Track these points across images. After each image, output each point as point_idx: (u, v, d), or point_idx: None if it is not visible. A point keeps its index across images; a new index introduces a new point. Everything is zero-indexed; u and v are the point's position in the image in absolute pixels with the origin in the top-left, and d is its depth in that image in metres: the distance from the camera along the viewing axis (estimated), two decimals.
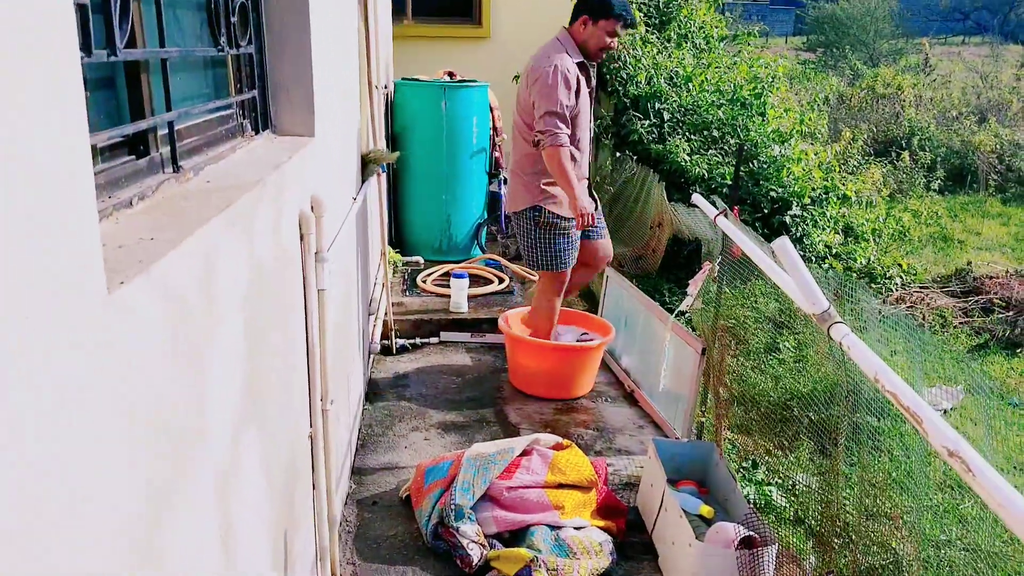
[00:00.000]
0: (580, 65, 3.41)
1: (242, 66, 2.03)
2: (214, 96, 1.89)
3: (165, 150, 1.53)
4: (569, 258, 3.61)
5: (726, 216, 2.93)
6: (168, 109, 1.53)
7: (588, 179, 3.68)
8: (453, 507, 2.58)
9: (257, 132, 2.08)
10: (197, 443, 1.20)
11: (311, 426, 2.09)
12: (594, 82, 3.61)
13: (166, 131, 1.53)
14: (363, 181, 3.42)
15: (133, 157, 1.43)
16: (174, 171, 1.52)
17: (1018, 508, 1.04)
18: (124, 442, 0.95)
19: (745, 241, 2.61)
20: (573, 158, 3.47)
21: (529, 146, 3.45)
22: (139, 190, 1.36)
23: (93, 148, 1.28)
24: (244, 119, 2.05)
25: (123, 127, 1.35)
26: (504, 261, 5.30)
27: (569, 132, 3.34)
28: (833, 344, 1.77)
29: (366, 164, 3.42)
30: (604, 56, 3.44)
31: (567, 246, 3.58)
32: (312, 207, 2.05)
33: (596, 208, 3.72)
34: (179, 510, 1.12)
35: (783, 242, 1.88)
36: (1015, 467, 4.16)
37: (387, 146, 5.09)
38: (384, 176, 4.30)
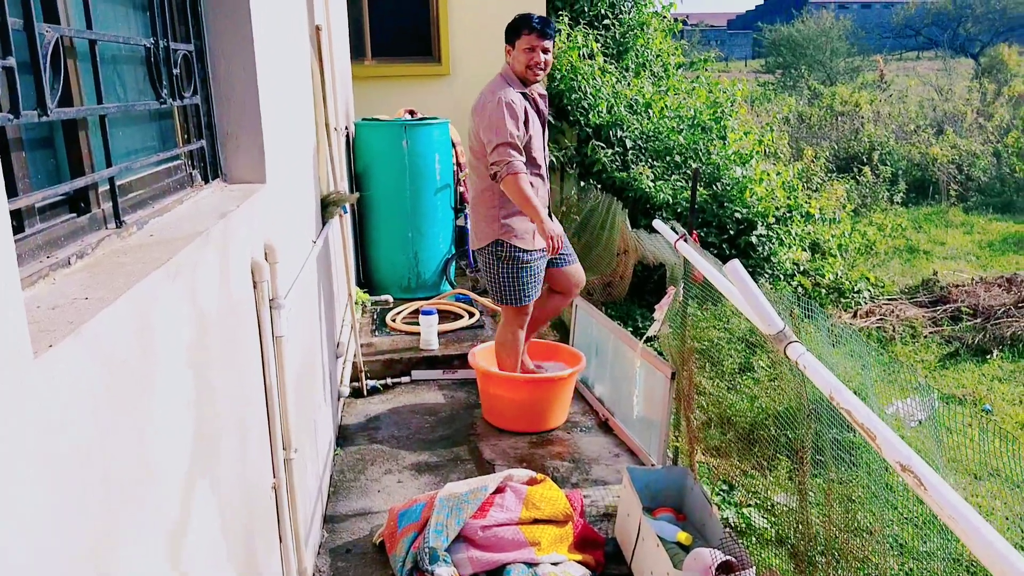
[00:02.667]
0: (524, 95, 3.43)
1: (189, 116, 2.03)
2: (160, 148, 1.88)
3: (107, 206, 1.52)
4: (532, 292, 3.60)
5: (686, 241, 2.96)
6: (109, 164, 1.52)
7: (549, 207, 3.67)
8: (427, 550, 2.54)
9: (207, 181, 2.07)
10: (142, 502, 1.17)
11: (274, 477, 2.06)
12: (546, 111, 3.60)
13: (108, 187, 1.52)
14: (324, 223, 3.41)
15: (74, 215, 1.42)
16: (116, 226, 1.51)
17: (965, 518, 1.04)
18: (56, 505, 0.92)
19: (705, 265, 2.63)
20: (537, 183, 3.48)
21: (485, 182, 3.45)
22: (79, 248, 1.34)
23: (30, 208, 1.27)
24: (193, 169, 2.04)
25: (59, 186, 1.34)
26: (474, 296, 5.29)
27: (523, 158, 3.34)
28: (790, 363, 1.78)
29: (326, 206, 3.42)
30: (540, 74, 3.41)
31: (530, 280, 3.57)
32: (266, 254, 2.04)
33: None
34: (124, 573, 1.09)
35: (734, 265, 1.89)
36: (989, 473, 4.19)
37: (350, 187, 5.10)
38: (347, 217, 4.30)
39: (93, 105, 1.47)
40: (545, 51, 3.38)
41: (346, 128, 5.10)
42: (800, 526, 2.43)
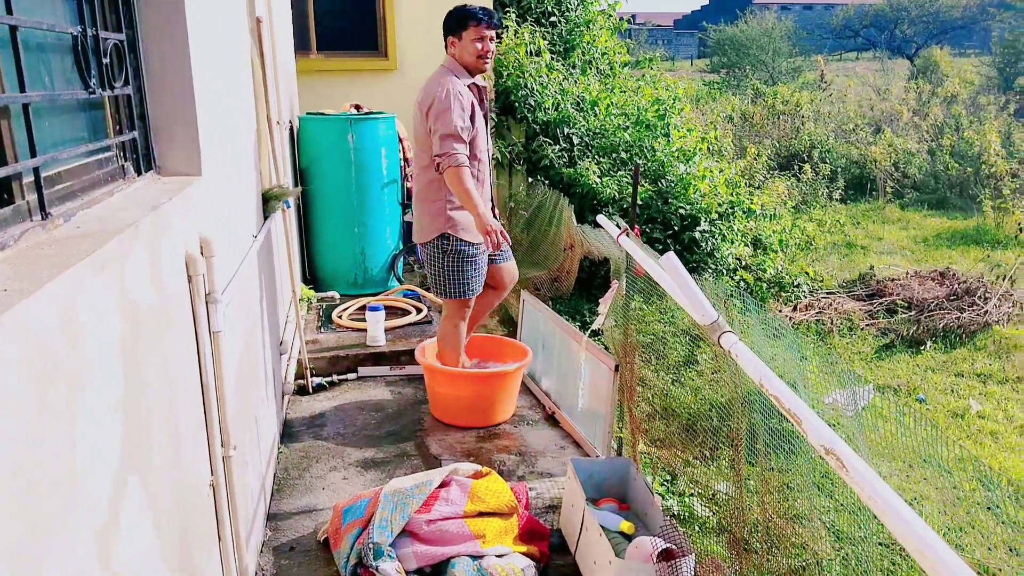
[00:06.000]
0: (470, 87, 3.44)
1: (121, 107, 1.98)
2: (90, 139, 1.83)
3: (32, 197, 1.47)
4: (476, 285, 3.60)
5: (628, 235, 3.00)
6: (33, 155, 1.47)
7: (492, 202, 3.70)
8: (371, 546, 2.53)
9: (140, 174, 2.03)
10: (67, 499, 1.14)
11: (212, 475, 2.02)
12: (487, 104, 3.61)
13: (32, 178, 1.48)
14: (266, 218, 3.36)
15: None
16: (42, 218, 1.47)
17: (883, 498, 1.08)
18: None
19: (645, 259, 2.67)
20: (482, 177, 3.50)
21: (430, 173, 3.44)
22: (0, 240, 1.30)
23: None
24: (125, 161, 2.00)
25: None
26: (422, 291, 5.28)
27: (467, 152, 3.34)
28: (723, 352, 1.82)
29: (268, 200, 3.37)
30: (487, 64, 3.45)
31: (474, 273, 3.58)
32: (201, 248, 2.00)
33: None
34: (50, 572, 1.06)
35: (669, 256, 1.93)
36: (923, 460, 4.34)
37: (294, 182, 5.03)
38: (292, 212, 4.24)
39: (15, 93, 1.43)
40: (492, 40, 3.44)
41: (290, 122, 5.03)
42: (737, 513, 2.49)
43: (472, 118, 3.39)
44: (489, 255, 3.69)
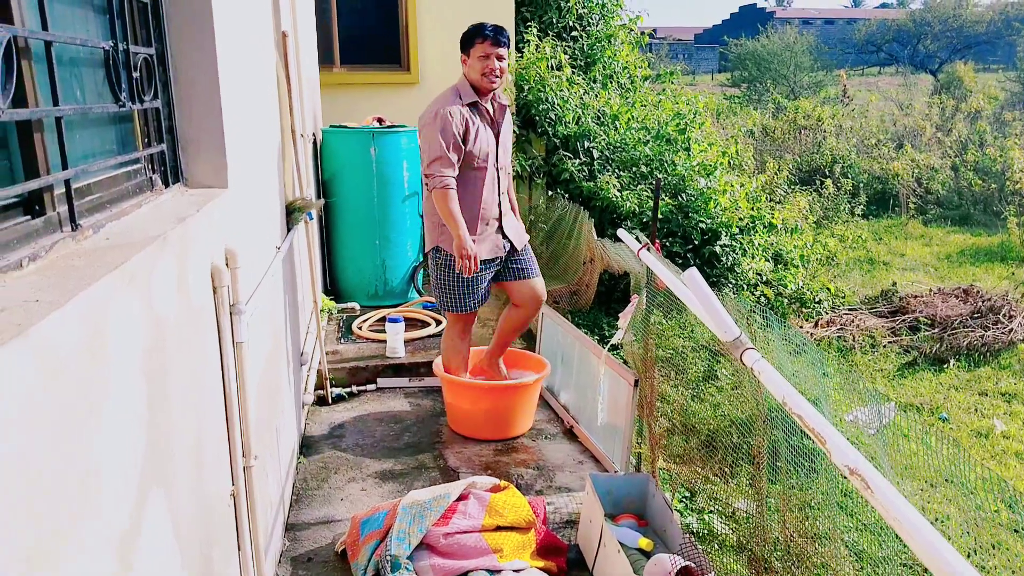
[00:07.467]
0: (473, 105, 3.43)
1: (149, 120, 2.01)
2: (120, 151, 1.86)
3: (63, 209, 1.50)
4: (469, 301, 3.59)
5: (648, 250, 2.99)
6: (65, 167, 1.50)
7: (513, 208, 3.70)
8: (389, 558, 2.53)
9: (168, 186, 2.06)
10: (89, 508, 1.15)
11: (233, 484, 2.04)
12: (503, 121, 3.58)
13: (63, 189, 1.50)
14: (289, 230, 3.39)
15: (28, 217, 1.40)
16: (72, 230, 1.49)
17: (910, 521, 1.07)
18: None
19: (666, 274, 2.67)
20: (478, 194, 3.49)
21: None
22: (31, 251, 1.32)
23: None
24: (153, 173, 2.03)
25: (12, 188, 1.32)
26: None
27: (455, 174, 3.36)
28: (745, 369, 1.81)
29: (291, 212, 3.40)
30: (495, 81, 3.42)
31: (466, 289, 3.56)
32: (227, 259, 2.03)
33: (517, 247, 3.69)
34: None
35: (692, 272, 1.92)
36: (946, 479, 4.27)
37: (317, 194, 5.08)
38: (314, 224, 4.27)
39: (48, 107, 1.45)
40: (499, 58, 3.39)
41: (313, 135, 5.08)
42: (758, 531, 2.46)
43: (465, 139, 3.37)
44: (507, 272, 3.69)
